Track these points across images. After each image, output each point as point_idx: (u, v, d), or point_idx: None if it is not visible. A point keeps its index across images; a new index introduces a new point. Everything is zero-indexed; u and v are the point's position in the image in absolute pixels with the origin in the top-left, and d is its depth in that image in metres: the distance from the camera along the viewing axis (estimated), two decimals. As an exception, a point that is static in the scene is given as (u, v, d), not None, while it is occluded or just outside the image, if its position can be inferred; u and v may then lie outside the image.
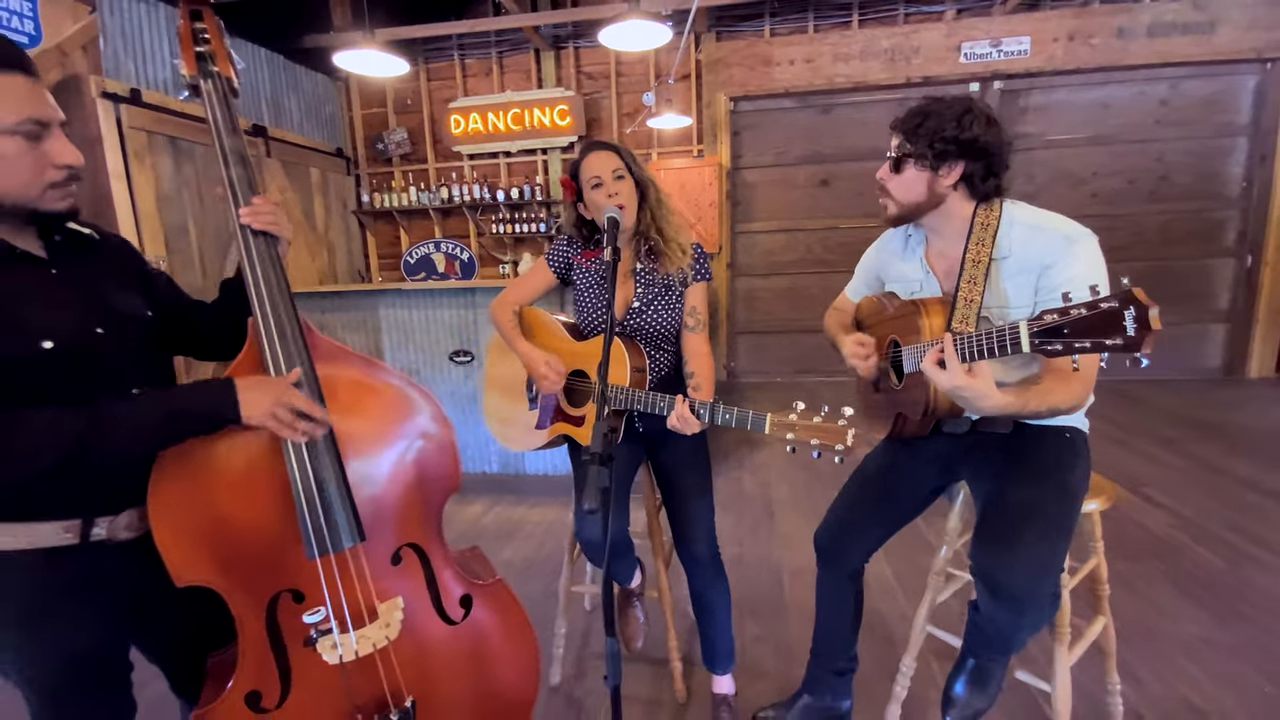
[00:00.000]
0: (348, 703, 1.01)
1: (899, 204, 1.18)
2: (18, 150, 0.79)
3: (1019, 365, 1.12)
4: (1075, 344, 0.78)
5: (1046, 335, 0.80)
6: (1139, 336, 0.72)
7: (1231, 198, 4.80)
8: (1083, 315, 0.77)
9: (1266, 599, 1.92)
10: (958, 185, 1.13)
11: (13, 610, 0.83)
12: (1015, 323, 0.85)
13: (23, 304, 0.81)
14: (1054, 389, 0.99)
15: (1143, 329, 0.72)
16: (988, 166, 1.11)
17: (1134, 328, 0.73)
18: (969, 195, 1.15)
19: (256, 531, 0.94)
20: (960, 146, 1.09)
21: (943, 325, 1.10)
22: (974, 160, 1.10)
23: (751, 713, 1.49)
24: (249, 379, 0.88)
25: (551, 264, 1.50)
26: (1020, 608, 0.99)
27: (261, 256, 0.96)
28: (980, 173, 1.11)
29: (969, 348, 0.92)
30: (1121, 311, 0.74)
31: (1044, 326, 0.81)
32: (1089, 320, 0.76)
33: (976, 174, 1.11)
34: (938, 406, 1.10)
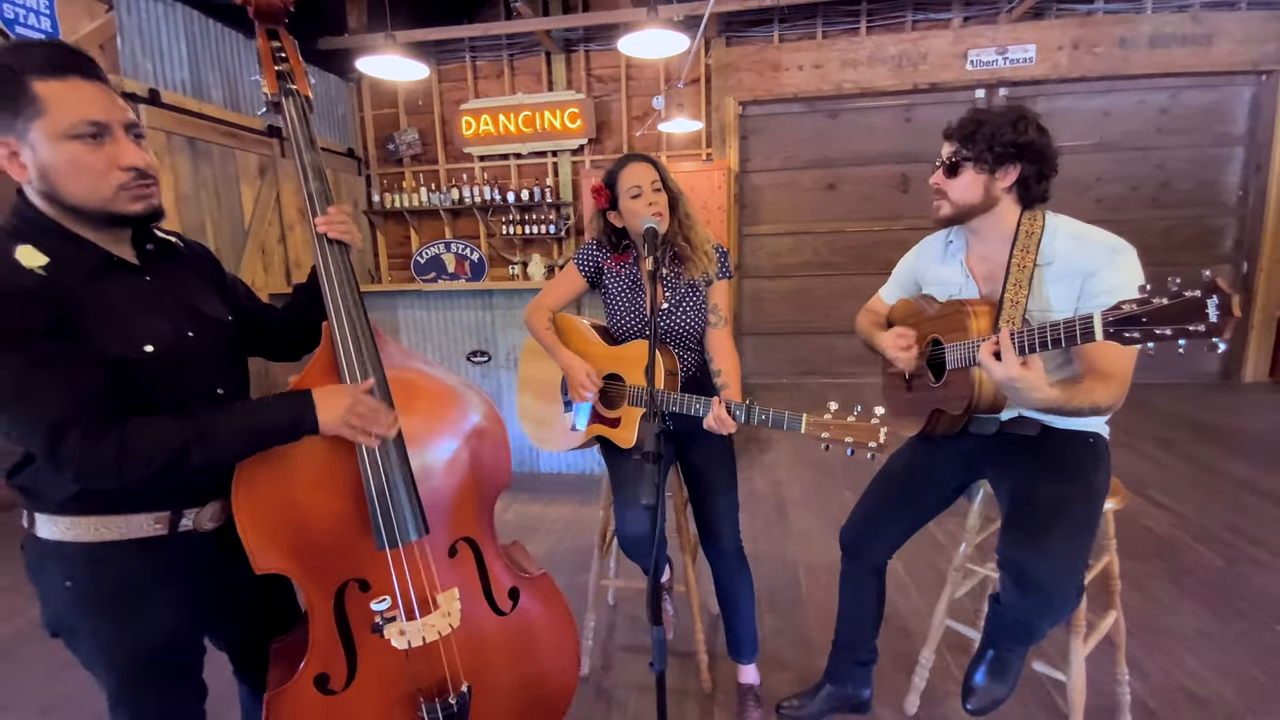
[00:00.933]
0: (410, 686, 1.07)
1: (954, 205, 1.24)
2: (80, 154, 0.80)
3: (1056, 367, 1.19)
4: (1155, 331, 0.84)
5: (1123, 324, 0.87)
6: (1221, 323, 0.79)
7: (1229, 205, 4.89)
8: (1164, 305, 0.83)
9: (1262, 595, 1.99)
10: (1011, 188, 1.20)
11: (106, 600, 0.88)
12: (1088, 313, 0.91)
13: (127, 310, 0.86)
14: (1095, 388, 1.05)
15: (1225, 315, 0.79)
16: (1041, 170, 1.18)
17: (1217, 314, 0.79)
18: (1018, 200, 1.22)
19: (329, 523, 1.00)
20: (1018, 149, 1.16)
21: (990, 325, 1.17)
22: (1030, 163, 1.18)
23: (775, 702, 1.56)
24: (324, 390, 0.93)
25: (582, 268, 1.56)
26: (1048, 599, 1.06)
27: (336, 263, 1.02)
28: (1034, 175, 1.19)
29: (1026, 341, 0.99)
30: (1205, 300, 0.80)
31: (1121, 316, 0.87)
32: (1171, 309, 0.83)
33: (1031, 177, 1.19)
34: (980, 401, 1.16)
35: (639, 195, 1.40)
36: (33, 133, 0.79)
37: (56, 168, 0.80)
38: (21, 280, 0.77)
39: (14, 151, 0.80)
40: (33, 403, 0.75)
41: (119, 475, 0.79)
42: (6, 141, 0.79)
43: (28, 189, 0.83)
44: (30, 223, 0.83)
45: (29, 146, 0.79)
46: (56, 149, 0.80)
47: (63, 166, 0.80)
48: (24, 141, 0.79)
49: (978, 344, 1.10)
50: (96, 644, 0.90)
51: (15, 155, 0.80)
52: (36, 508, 0.86)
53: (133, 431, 0.80)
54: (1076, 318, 0.93)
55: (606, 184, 1.45)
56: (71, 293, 0.80)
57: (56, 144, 0.79)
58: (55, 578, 0.87)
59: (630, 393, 1.45)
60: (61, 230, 0.84)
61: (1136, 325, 0.85)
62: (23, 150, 0.80)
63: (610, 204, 1.45)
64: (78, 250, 0.84)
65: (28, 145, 0.79)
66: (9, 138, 0.79)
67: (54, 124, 0.79)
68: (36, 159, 0.80)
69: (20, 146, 0.79)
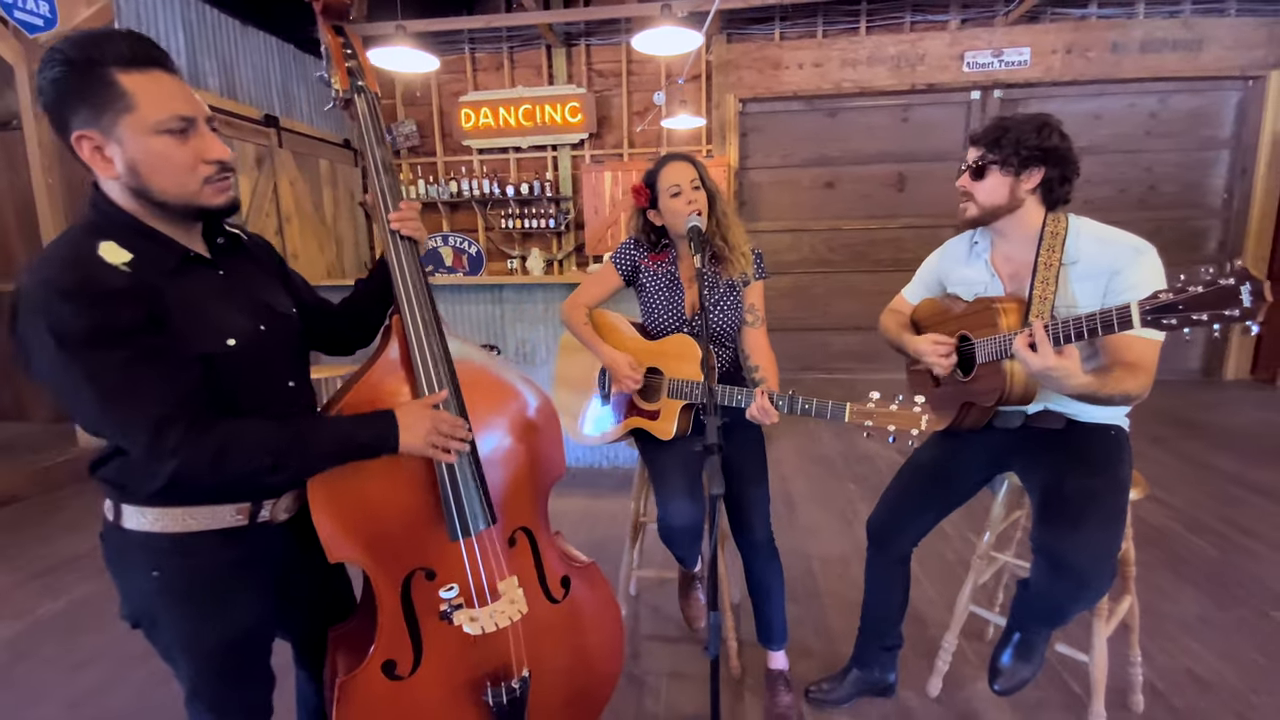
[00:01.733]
0: (473, 672, 1.10)
1: (981, 207, 1.29)
2: (168, 148, 0.81)
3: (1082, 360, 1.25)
4: (1192, 316, 0.90)
5: (1160, 311, 0.93)
6: (1255, 307, 0.86)
7: (1214, 208, 5.04)
8: (1199, 292, 0.89)
9: (1257, 583, 2.09)
10: (1035, 190, 1.25)
11: (192, 590, 0.89)
12: (1125, 303, 0.97)
13: (207, 306, 0.87)
14: (1124, 378, 1.11)
15: (1258, 300, 0.86)
16: (1063, 173, 1.24)
17: (1250, 299, 0.86)
18: (1041, 201, 1.27)
19: (399, 515, 1.02)
20: (1043, 154, 1.22)
21: (1019, 320, 1.22)
22: (1053, 167, 1.23)
23: (803, 687, 1.61)
24: (407, 413, 0.95)
25: (619, 267, 1.59)
26: (1084, 584, 1.12)
27: (408, 259, 1.04)
28: (1057, 179, 1.24)
29: (1062, 332, 1.05)
30: (1238, 287, 0.86)
31: (1158, 304, 0.93)
32: (1206, 296, 0.89)
33: (1054, 180, 1.24)
34: (1012, 393, 1.22)
35: (679, 194, 1.43)
36: (121, 127, 0.78)
37: (146, 163, 0.80)
38: (113, 277, 0.78)
39: (99, 146, 0.79)
40: (136, 399, 0.76)
41: (216, 474, 0.81)
42: (91, 136, 0.78)
43: (107, 185, 0.83)
44: (109, 219, 0.83)
45: (116, 141, 0.79)
46: (146, 144, 0.79)
47: (153, 161, 0.80)
48: (110, 136, 0.79)
49: (1010, 338, 1.16)
50: (179, 634, 0.90)
51: (100, 150, 0.79)
52: (124, 499, 0.86)
53: (232, 433, 0.81)
54: (1114, 308, 0.99)
55: (646, 183, 1.47)
56: (157, 289, 0.80)
57: (146, 139, 0.79)
58: (140, 568, 0.87)
59: (669, 386, 1.49)
60: (140, 226, 0.84)
61: (1174, 312, 0.91)
62: (109, 145, 0.79)
63: (650, 203, 1.48)
64: (157, 247, 0.84)
65: (115, 140, 0.79)
66: (93, 132, 0.78)
67: (144, 118, 0.79)
68: (125, 154, 0.79)
69: (106, 141, 0.79)
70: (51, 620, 2.04)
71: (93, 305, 0.75)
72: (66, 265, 0.77)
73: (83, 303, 0.74)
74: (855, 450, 3.58)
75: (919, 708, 1.57)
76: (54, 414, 4.08)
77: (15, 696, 1.69)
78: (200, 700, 0.94)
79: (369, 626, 1.08)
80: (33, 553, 2.50)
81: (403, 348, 1.05)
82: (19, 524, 2.80)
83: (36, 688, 1.72)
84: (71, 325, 0.74)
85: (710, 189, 1.49)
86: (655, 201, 1.48)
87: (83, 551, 2.50)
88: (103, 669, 1.79)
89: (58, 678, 1.76)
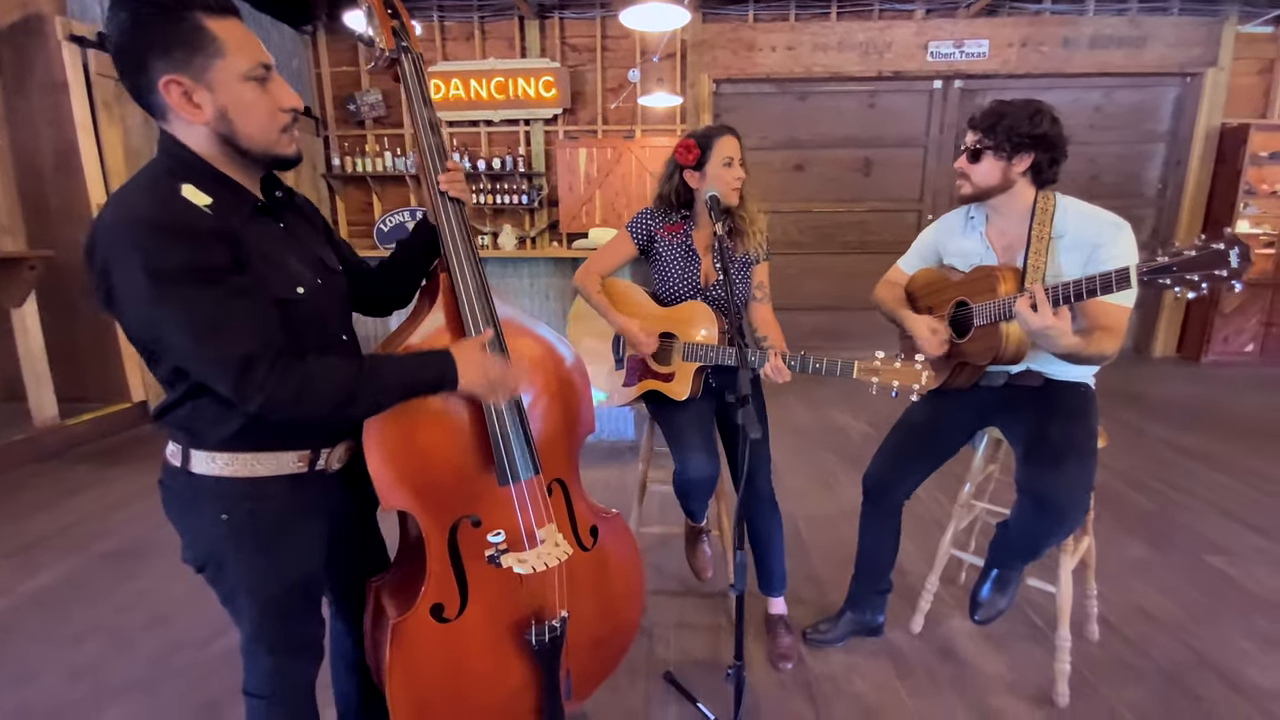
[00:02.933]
0: (517, 614, 1.16)
1: (975, 187, 1.41)
2: (255, 95, 0.81)
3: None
4: (1185, 276, 1.03)
5: (1156, 272, 1.06)
6: (1241, 268, 0.99)
7: (1149, 197, 5.43)
8: (1192, 255, 1.02)
9: (1190, 532, 2.35)
10: (1026, 173, 1.37)
11: (259, 533, 0.91)
12: (1124, 266, 1.10)
13: (277, 254, 0.88)
14: (1102, 339, 1.25)
15: (1244, 261, 0.99)
16: (1052, 157, 1.36)
17: (1238, 261, 0.99)
18: (1032, 181, 1.39)
19: (449, 464, 1.07)
20: (1033, 140, 1.33)
21: (1015, 287, 1.35)
22: (1043, 152, 1.34)
23: (800, 629, 1.74)
24: (464, 354, 0.98)
25: (635, 236, 1.64)
26: (1063, 516, 1.26)
27: (456, 219, 1.07)
28: (1046, 162, 1.36)
29: (1061, 294, 1.18)
30: (1228, 250, 0.99)
31: (1154, 266, 1.06)
32: (1198, 259, 1.02)
33: (1043, 163, 1.36)
34: (1005, 352, 1.35)
35: (731, 165, 1.49)
36: (212, 73, 0.78)
37: (237, 109, 0.81)
38: (200, 218, 0.78)
39: (188, 91, 0.78)
40: (227, 336, 0.78)
41: (299, 409, 0.83)
42: (180, 80, 0.77)
43: (186, 130, 0.82)
44: (185, 164, 0.83)
45: (206, 87, 0.79)
46: (237, 90, 0.80)
47: (242, 108, 0.81)
48: (200, 82, 0.78)
49: (1010, 300, 1.28)
50: (244, 576, 0.93)
51: (189, 95, 0.79)
52: (193, 445, 0.87)
53: (313, 369, 0.84)
54: (1113, 270, 1.12)
55: (699, 144, 1.51)
56: (236, 233, 0.81)
57: (237, 85, 0.80)
58: (209, 512, 0.89)
59: (684, 349, 1.56)
60: (215, 173, 0.84)
61: (1168, 273, 1.05)
62: (198, 91, 0.79)
63: (696, 164, 1.52)
64: (231, 194, 0.85)
65: (205, 86, 0.79)
66: (183, 76, 0.77)
67: (234, 65, 0.79)
68: (216, 100, 0.79)
69: (196, 87, 0.78)
70: (35, 596, 1.98)
71: (187, 242, 0.76)
72: (156, 203, 0.77)
73: (178, 239, 0.75)
74: (828, 422, 3.76)
75: (904, 643, 1.72)
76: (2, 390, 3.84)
77: (6, 673, 1.64)
78: (261, 642, 0.97)
79: (415, 574, 1.13)
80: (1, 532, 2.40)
81: (450, 304, 1.08)
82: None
83: (30, 662, 1.68)
84: (168, 261, 0.75)
85: (745, 168, 1.56)
86: (701, 164, 1.52)
87: (55, 529, 2.41)
88: (102, 641, 1.75)
89: (52, 652, 1.72)
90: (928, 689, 1.55)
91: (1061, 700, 1.48)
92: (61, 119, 3.47)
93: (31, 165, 3.52)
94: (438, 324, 1.08)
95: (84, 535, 2.35)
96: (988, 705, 1.49)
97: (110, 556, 2.20)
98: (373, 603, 1.18)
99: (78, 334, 3.66)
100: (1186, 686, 1.55)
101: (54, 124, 3.49)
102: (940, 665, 1.64)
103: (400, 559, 1.23)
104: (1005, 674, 1.60)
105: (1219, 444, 3.28)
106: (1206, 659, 1.65)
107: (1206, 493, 2.69)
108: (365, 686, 1.26)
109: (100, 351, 3.71)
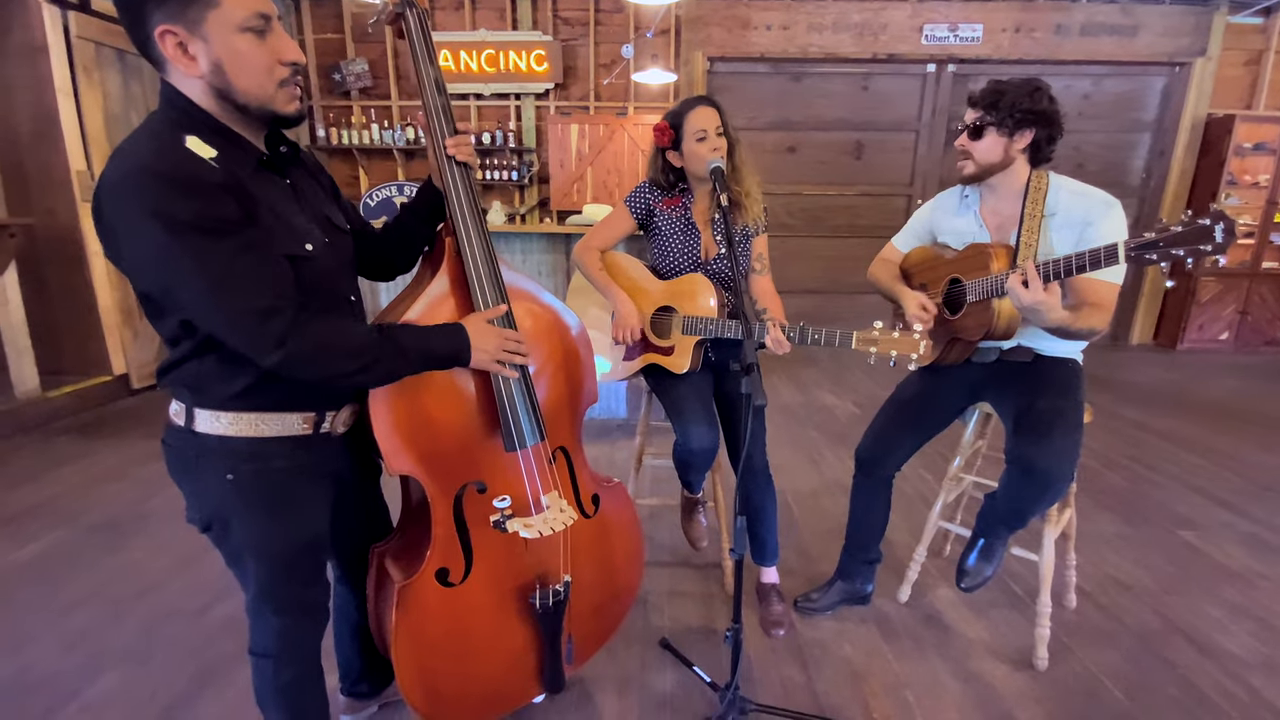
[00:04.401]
0: (521, 579, 1.18)
1: (979, 165, 1.42)
2: (250, 47, 0.80)
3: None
4: (1171, 251, 1.06)
5: (1143, 248, 1.09)
6: (1225, 242, 1.03)
7: (1132, 186, 5.51)
8: (1179, 231, 1.05)
9: (1162, 508, 2.43)
10: (1024, 150, 1.39)
11: (265, 493, 0.92)
12: (1112, 243, 1.13)
13: (284, 210, 0.87)
14: (1091, 315, 1.29)
15: (1229, 236, 1.02)
16: (1050, 135, 1.38)
17: (1223, 236, 1.02)
18: (1029, 160, 1.41)
19: (455, 430, 1.07)
20: (1035, 116, 1.35)
21: (1008, 264, 1.37)
22: (1043, 128, 1.36)
23: (792, 598, 1.78)
24: (476, 328, 1.00)
25: (633, 210, 1.64)
26: (1049, 483, 1.31)
27: (463, 184, 1.06)
28: (1045, 139, 1.38)
29: (1052, 270, 1.21)
30: (1213, 226, 1.03)
31: (1141, 242, 1.09)
32: (1184, 234, 1.05)
33: (1042, 140, 1.38)
34: (997, 327, 1.38)
35: (704, 139, 1.48)
36: (206, 24, 0.77)
37: (231, 61, 0.79)
38: (207, 170, 0.77)
39: (182, 43, 0.77)
40: (244, 289, 0.77)
41: (315, 368, 0.83)
42: (175, 31, 0.77)
43: (185, 83, 0.81)
44: (188, 115, 0.81)
45: (201, 38, 0.78)
46: (231, 41, 0.79)
47: (237, 60, 0.80)
48: (195, 33, 0.77)
49: (1003, 277, 1.31)
50: (250, 536, 0.93)
51: (183, 47, 0.78)
52: (198, 403, 0.87)
53: (333, 327, 0.84)
54: (1101, 246, 1.15)
55: (671, 124, 1.52)
56: (242, 185, 0.81)
57: (231, 36, 0.78)
58: (215, 472, 0.89)
59: (683, 323, 1.57)
60: (218, 125, 0.83)
61: (1155, 249, 1.08)
62: (192, 42, 0.78)
63: (672, 144, 1.53)
64: (235, 147, 0.84)
65: (199, 37, 0.78)
66: (177, 27, 0.76)
67: (229, 15, 0.78)
68: (210, 51, 0.78)
69: (190, 38, 0.77)
70: (24, 566, 1.96)
71: (198, 193, 0.75)
72: (161, 154, 0.76)
73: (187, 189, 0.75)
74: (814, 401, 3.81)
75: (892, 611, 1.77)
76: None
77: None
78: (268, 602, 0.97)
79: (419, 539, 1.14)
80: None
81: (455, 268, 1.08)
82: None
83: (24, 631, 1.67)
84: (180, 210, 0.74)
85: (731, 136, 1.55)
86: (677, 143, 1.53)
87: (41, 501, 2.37)
88: (96, 610, 1.75)
89: (45, 621, 1.71)
90: (913, 653, 1.61)
91: (1041, 664, 1.54)
92: (40, 83, 3.34)
93: (8, 131, 3.40)
94: (443, 289, 1.08)
95: (71, 507, 2.32)
96: (970, 668, 1.56)
97: (98, 528, 2.18)
98: (376, 568, 1.19)
99: (55, 306, 3.57)
100: (1159, 651, 1.63)
101: (32, 88, 3.37)
102: (925, 631, 1.69)
103: (404, 524, 1.25)
104: (987, 639, 1.66)
105: (1191, 426, 3.39)
106: (1178, 626, 1.73)
107: (1177, 471, 2.79)
108: (367, 650, 1.28)
109: (80, 324, 3.62)
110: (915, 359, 1.30)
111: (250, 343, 0.79)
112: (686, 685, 1.48)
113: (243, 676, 1.45)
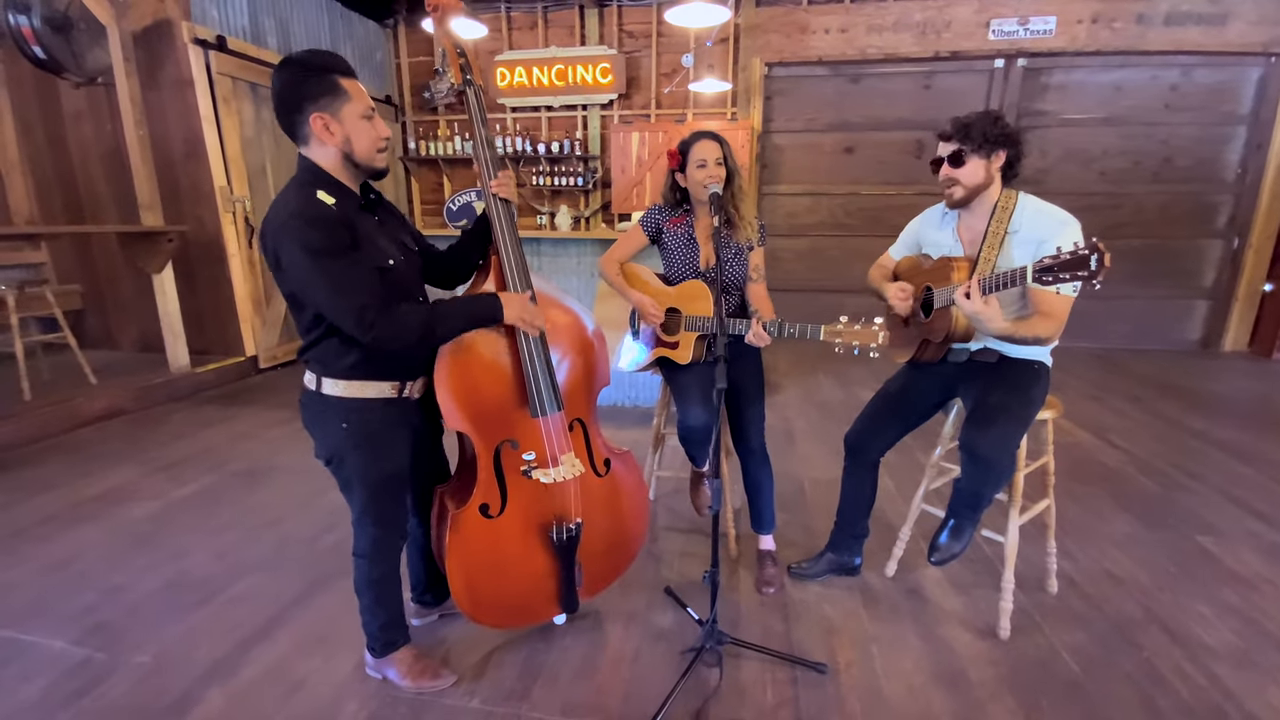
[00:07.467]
0: (544, 516, 1.52)
1: (966, 188, 1.60)
2: (365, 127, 1.24)
3: (1016, 310, 1.59)
4: (1062, 275, 1.27)
5: (1044, 271, 1.30)
6: (1098, 269, 1.22)
7: (1227, 182, 5.16)
8: (1069, 258, 1.26)
9: (1188, 512, 2.45)
10: (1000, 169, 1.58)
11: (367, 436, 1.32)
12: (1023, 266, 1.34)
13: (375, 237, 1.27)
14: (1037, 324, 1.47)
15: (1101, 265, 1.22)
16: (1018, 153, 1.57)
17: (1096, 265, 1.23)
18: (1002, 180, 1.60)
19: (494, 398, 1.43)
20: (1004, 137, 1.54)
21: (967, 275, 1.57)
22: (1012, 148, 1.56)
23: (787, 565, 2.03)
24: (505, 296, 1.36)
25: (646, 229, 1.95)
26: (990, 467, 1.50)
27: (504, 214, 1.42)
28: (1014, 158, 1.57)
29: (988, 285, 1.41)
30: (1089, 256, 1.23)
31: (1043, 265, 1.30)
32: (1071, 261, 1.26)
33: (1013, 158, 1.57)
34: (955, 331, 1.58)
35: (704, 167, 1.77)
36: (342, 111, 1.19)
37: (355, 136, 1.21)
38: (330, 212, 1.18)
39: (327, 124, 1.19)
40: (351, 292, 1.17)
41: (396, 341, 1.21)
42: (324, 117, 1.19)
43: (319, 151, 1.22)
44: (316, 176, 1.23)
45: (339, 121, 1.20)
46: (356, 123, 1.21)
47: (358, 134, 1.22)
48: (335, 117, 1.19)
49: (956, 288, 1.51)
50: (357, 467, 1.33)
51: (327, 126, 1.19)
52: (324, 373, 1.28)
53: (403, 311, 1.22)
54: (1016, 268, 1.34)
55: (680, 151, 1.81)
56: (351, 222, 1.21)
57: (356, 120, 1.21)
58: (334, 421, 1.30)
59: (686, 321, 1.86)
60: (334, 181, 1.24)
61: (1052, 273, 1.27)
62: (333, 124, 1.20)
63: (680, 167, 1.82)
64: (345, 195, 1.24)
65: (338, 120, 1.20)
66: (326, 115, 1.19)
67: (356, 108, 1.20)
68: (342, 129, 1.20)
69: (332, 120, 1.19)
70: (185, 500, 2.54)
71: (326, 229, 1.15)
72: (306, 204, 1.17)
73: (319, 227, 1.15)
74: (854, 399, 3.95)
75: (876, 582, 1.99)
76: (140, 343, 4.59)
77: (166, 552, 2.17)
78: (367, 515, 1.38)
79: (469, 482, 1.51)
80: (152, 454, 3.01)
81: (498, 279, 1.44)
82: (131, 433, 3.31)
83: (184, 545, 2.21)
84: (314, 240, 1.14)
85: (731, 168, 1.82)
86: (684, 167, 1.82)
87: (195, 452, 3.00)
88: (238, 533, 2.28)
89: (200, 538, 2.25)
90: (887, 617, 1.82)
91: (1003, 634, 1.71)
92: (189, 112, 4.07)
93: (165, 153, 4.16)
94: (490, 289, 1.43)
95: (217, 458, 2.94)
96: (937, 633, 1.75)
97: (239, 474, 2.76)
98: (438, 503, 1.57)
99: (201, 298, 4.33)
100: (1129, 636, 1.74)
101: (182, 116, 4.10)
102: (904, 601, 1.90)
103: (459, 471, 1.62)
104: (960, 611, 1.84)
105: (1254, 437, 3.27)
106: (1157, 617, 1.82)
107: (1219, 481, 2.75)
108: (430, 566, 1.68)
109: (220, 313, 4.38)
110: (874, 348, 1.53)
111: (354, 327, 1.18)
112: (681, 624, 1.78)
113: (343, 585, 1.89)
